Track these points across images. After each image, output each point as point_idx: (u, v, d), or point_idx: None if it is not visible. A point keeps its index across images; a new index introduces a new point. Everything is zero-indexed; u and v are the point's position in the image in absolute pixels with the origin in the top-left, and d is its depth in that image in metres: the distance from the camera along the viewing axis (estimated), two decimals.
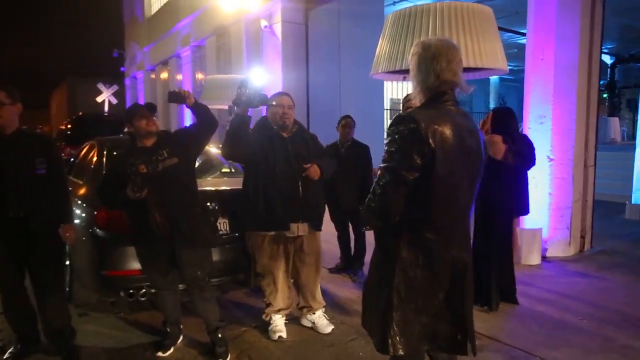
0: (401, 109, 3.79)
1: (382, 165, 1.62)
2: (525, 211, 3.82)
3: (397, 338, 1.67)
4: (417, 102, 1.73)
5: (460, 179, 1.64)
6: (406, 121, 1.58)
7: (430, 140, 1.54)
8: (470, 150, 1.65)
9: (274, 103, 2.98)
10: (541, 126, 4.80)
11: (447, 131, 1.58)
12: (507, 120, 3.58)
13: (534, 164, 3.68)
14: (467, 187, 1.68)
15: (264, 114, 3.16)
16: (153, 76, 17.47)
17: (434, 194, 1.60)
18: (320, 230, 3.17)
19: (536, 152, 3.64)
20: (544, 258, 4.83)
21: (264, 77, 8.32)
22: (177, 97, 2.76)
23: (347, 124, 4.25)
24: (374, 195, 1.63)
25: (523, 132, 4.29)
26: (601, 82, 5.48)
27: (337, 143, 4.32)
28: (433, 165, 1.56)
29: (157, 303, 3.11)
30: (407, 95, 2.69)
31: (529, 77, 4.96)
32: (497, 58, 2.79)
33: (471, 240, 1.86)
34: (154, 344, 3.06)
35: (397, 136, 1.58)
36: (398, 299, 1.67)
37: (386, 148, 1.62)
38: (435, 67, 1.64)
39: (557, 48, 4.74)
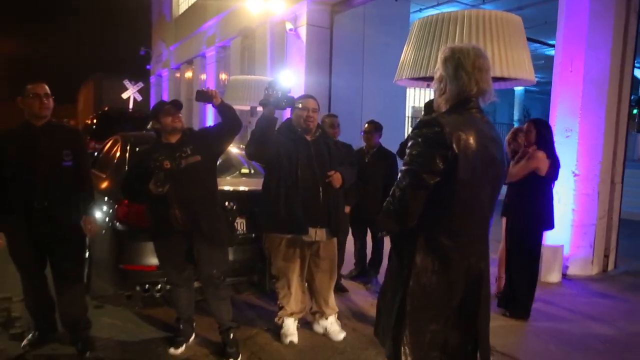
0: (423, 114, 3.75)
1: (403, 167, 1.60)
2: (551, 225, 3.76)
3: (410, 346, 1.64)
4: (443, 107, 1.71)
5: (480, 187, 1.62)
6: (431, 125, 1.57)
7: (454, 146, 1.53)
8: (492, 158, 1.64)
9: (300, 105, 2.98)
10: (567, 140, 4.69)
11: (471, 138, 1.56)
12: (549, 133, 3.59)
13: (557, 177, 3.65)
14: (487, 195, 1.66)
15: (289, 116, 3.16)
16: (178, 75, 17.73)
17: (453, 199, 1.58)
18: (337, 237, 3.15)
19: (561, 166, 3.58)
20: (564, 276, 4.70)
21: (291, 79, 8.35)
22: (205, 96, 2.79)
23: (369, 129, 4.17)
24: (393, 198, 1.61)
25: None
26: (632, 97, 5.31)
27: (363, 149, 4.23)
28: (455, 170, 1.54)
29: (172, 300, 3.13)
30: (429, 100, 2.68)
31: (556, 89, 4.85)
32: (525, 68, 2.73)
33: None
34: (166, 340, 3.08)
35: (420, 139, 1.57)
36: (411, 305, 1.64)
37: (408, 151, 1.60)
38: (477, 74, 1.63)
39: (587, 59, 4.62)
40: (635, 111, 16.33)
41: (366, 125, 4.19)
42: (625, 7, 4.78)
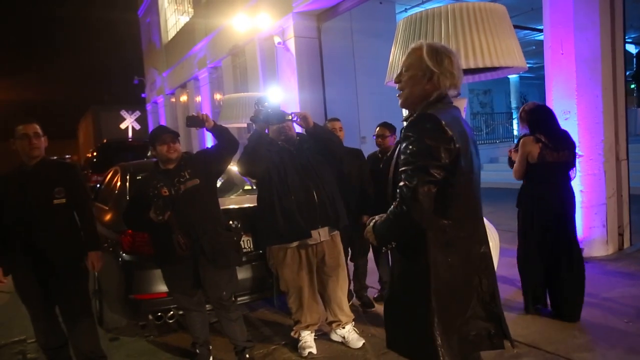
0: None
1: (406, 167, 1.54)
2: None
3: (445, 348, 1.58)
4: (419, 103, 1.70)
5: (471, 173, 1.65)
6: (431, 120, 1.56)
7: (454, 138, 1.55)
8: (474, 145, 1.70)
9: (290, 117, 2.98)
10: (566, 122, 4.64)
11: (460, 128, 1.62)
12: (534, 116, 3.39)
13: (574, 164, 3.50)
14: (476, 181, 1.70)
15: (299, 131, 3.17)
16: (173, 100, 17.87)
17: (454, 190, 1.58)
18: (340, 229, 3.12)
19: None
20: None
21: (281, 94, 8.37)
22: (195, 121, 2.80)
23: (383, 132, 3.84)
24: (403, 201, 1.53)
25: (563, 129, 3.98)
26: (627, 73, 5.27)
27: (377, 154, 3.94)
28: (457, 162, 1.55)
29: (186, 324, 3.10)
30: None
31: (549, 73, 4.83)
32: (515, 56, 2.72)
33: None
34: None
35: (421, 135, 1.55)
36: (438, 304, 1.59)
37: (409, 149, 1.55)
38: (449, 72, 1.66)
39: (577, 40, 4.60)
40: (632, 86, 16.26)
41: (378, 128, 3.90)
42: None
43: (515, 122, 16.98)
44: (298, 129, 3.18)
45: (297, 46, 8.45)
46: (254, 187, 4.22)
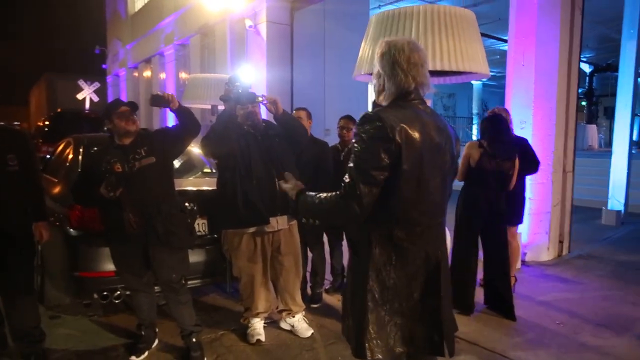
0: (372, 109, 3.69)
1: (351, 165, 1.58)
2: (515, 221, 3.88)
3: (374, 342, 1.64)
4: (383, 102, 1.72)
5: (429, 176, 1.63)
6: (372, 120, 1.57)
7: (396, 138, 1.54)
8: (438, 147, 1.66)
9: (261, 99, 2.93)
10: (522, 132, 4.85)
11: (414, 129, 1.58)
12: (484, 123, 3.62)
13: (530, 169, 3.79)
14: (437, 183, 1.67)
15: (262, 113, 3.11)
16: (136, 74, 17.20)
17: (401, 191, 1.59)
18: (298, 219, 3.12)
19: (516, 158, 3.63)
20: (523, 262, 4.88)
21: (251, 76, 8.23)
22: (160, 100, 2.69)
23: (346, 124, 3.86)
24: (344, 195, 1.57)
25: (518, 135, 4.15)
26: (580, 90, 5.56)
27: (337, 146, 3.92)
28: (400, 162, 1.55)
29: (132, 305, 3.03)
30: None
31: (510, 82, 5.02)
32: (479, 62, 2.79)
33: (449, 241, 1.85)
34: (128, 347, 2.98)
35: (364, 136, 1.57)
36: (373, 300, 1.64)
37: (354, 148, 1.59)
38: (412, 70, 1.65)
39: (538, 53, 4.80)
40: (583, 103, 17.18)
41: (341, 120, 3.92)
42: (570, 2, 5.00)
43: (475, 127, 17.56)
44: (264, 114, 3.14)
45: (268, 31, 8.34)
46: (214, 171, 4.16)
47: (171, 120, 12.94)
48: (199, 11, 10.49)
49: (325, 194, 1.65)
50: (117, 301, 3.12)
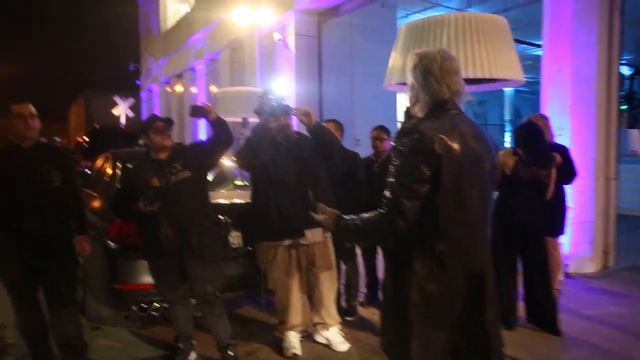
0: (403, 120, 3.64)
1: (390, 180, 1.57)
2: (555, 231, 3.75)
3: (417, 357, 1.60)
4: (419, 114, 1.71)
5: (469, 187, 1.60)
6: (410, 133, 1.56)
7: (436, 149, 1.52)
8: (478, 156, 1.63)
9: (294, 111, 2.96)
10: (559, 138, 4.69)
11: (452, 139, 1.56)
12: (518, 132, 3.55)
13: (567, 178, 3.67)
14: (477, 194, 1.63)
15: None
16: (168, 89, 17.71)
17: (442, 203, 1.56)
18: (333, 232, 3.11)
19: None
20: (566, 274, 4.67)
21: (286, 88, 8.31)
22: (199, 111, 2.77)
23: (379, 135, 3.82)
24: (386, 212, 1.56)
25: (557, 143, 4.03)
26: (620, 93, 5.35)
27: (371, 158, 3.88)
28: (439, 174, 1.53)
29: (170, 318, 3.08)
30: (409, 106, 2.67)
31: (545, 89, 4.87)
32: (513, 69, 2.74)
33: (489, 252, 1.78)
34: (165, 359, 3.02)
35: (402, 149, 1.56)
36: (415, 315, 1.61)
37: (395, 162, 1.58)
38: (446, 78, 1.64)
39: (575, 58, 4.65)
40: (623, 107, 16.51)
41: (375, 131, 3.88)
42: (608, 5, 4.83)
43: (507, 134, 17.14)
44: (296, 126, 3.16)
45: (297, 44, 8.43)
46: (246, 183, 4.20)
47: (203, 133, 13.24)
48: (228, 26, 10.73)
49: (365, 214, 1.63)
50: (155, 313, 3.17)
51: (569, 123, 4.68)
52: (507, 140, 16.75)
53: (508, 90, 18.54)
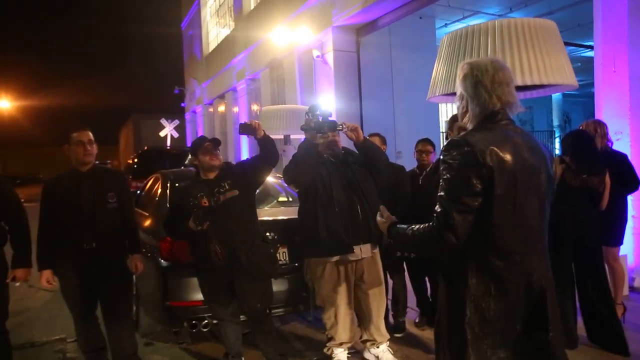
0: (447, 128, 3.53)
1: (441, 194, 1.53)
2: (614, 241, 3.54)
3: None
4: (469, 125, 1.66)
5: (523, 199, 1.53)
6: (460, 145, 1.52)
7: (487, 162, 1.47)
8: (532, 168, 1.57)
9: (341, 128, 2.96)
10: (617, 143, 4.43)
11: (504, 151, 1.51)
12: (566, 139, 3.42)
13: (628, 188, 3.50)
14: (533, 207, 1.57)
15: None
16: (211, 110, 18.34)
17: (495, 217, 1.50)
18: (382, 246, 3.07)
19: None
20: (631, 289, 4.36)
21: (332, 104, 8.38)
22: (248, 128, 2.83)
23: (424, 148, 3.77)
24: (438, 226, 1.52)
25: (616, 150, 3.83)
26: None
27: (415, 171, 3.80)
28: (492, 186, 1.48)
29: (219, 334, 3.11)
30: (453, 115, 2.58)
31: (599, 91, 4.63)
32: (565, 73, 2.62)
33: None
34: None
35: (452, 162, 1.52)
36: (472, 334, 1.55)
37: (444, 175, 1.54)
38: (497, 90, 1.59)
39: (631, 57, 4.40)
40: None
41: (419, 144, 3.80)
42: None
43: (557, 140, 16.43)
44: (343, 142, 3.16)
45: (335, 60, 8.51)
46: (290, 199, 4.23)
47: (245, 152, 13.54)
48: (268, 46, 11.01)
49: (418, 226, 1.60)
50: (205, 330, 3.22)
51: (627, 126, 4.42)
52: (558, 147, 16.04)
53: (555, 95, 17.82)
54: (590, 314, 3.29)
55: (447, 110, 10.83)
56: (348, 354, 3.14)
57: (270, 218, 3.62)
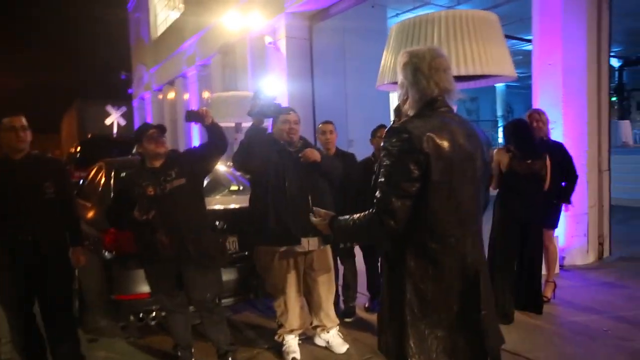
0: (393, 118, 3.60)
1: (381, 180, 1.57)
2: (550, 224, 3.82)
3: (415, 356, 1.60)
4: (409, 112, 1.71)
5: (459, 185, 1.59)
6: (399, 132, 1.56)
7: (424, 148, 1.52)
8: (469, 154, 1.62)
9: (282, 119, 2.94)
10: (552, 132, 4.71)
11: (441, 137, 1.56)
12: (507, 129, 3.64)
13: (569, 179, 3.79)
14: (469, 192, 1.63)
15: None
16: (160, 96, 17.66)
17: (432, 202, 1.56)
18: (330, 243, 3.10)
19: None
20: (561, 267, 4.70)
21: (278, 90, 8.29)
22: (195, 115, 2.75)
23: (382, 134, 3.80)
24: (378, 212, 1.56)
25: (554, 140, 4.11)
26: (610, 85, 5.39)
27: (371, 158, 3.75)
28: (429, 173, 1.53)
29: (168, 326, 3.05)
30: (399, 104, 2.66)
31: (536, 82, 4.89)
32: (505, 64, 2.74)
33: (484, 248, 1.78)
34: None
35: (392, 149, 1.56)
36: (411, 314, 1.61)
37: (384, 161, 1.58)
38: (435, 76, 1.64)
39: (565, 51, 4.67)
40: (613, 98, 16.63)
41: (379, 130, 3.71)
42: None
43: (500, 130, 17.22)
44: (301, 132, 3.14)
45: (288, 46, 8.43)
46: (241, 188, 4.18)
47: (196, 140, 13.19)
48: (219, 31, 10.72)
49: (358, 215, 1.63)
50: (153, 323, 3.15)
51: (561, 116, 4.71)
52: (501, 136, 16.83)
53: (499, 86, 18.65)
54: (523, 288, 3.58)
55: (397, 99, 11.04)
56: (299, 340, 3.17)
57: (221, 207, 3.57)
